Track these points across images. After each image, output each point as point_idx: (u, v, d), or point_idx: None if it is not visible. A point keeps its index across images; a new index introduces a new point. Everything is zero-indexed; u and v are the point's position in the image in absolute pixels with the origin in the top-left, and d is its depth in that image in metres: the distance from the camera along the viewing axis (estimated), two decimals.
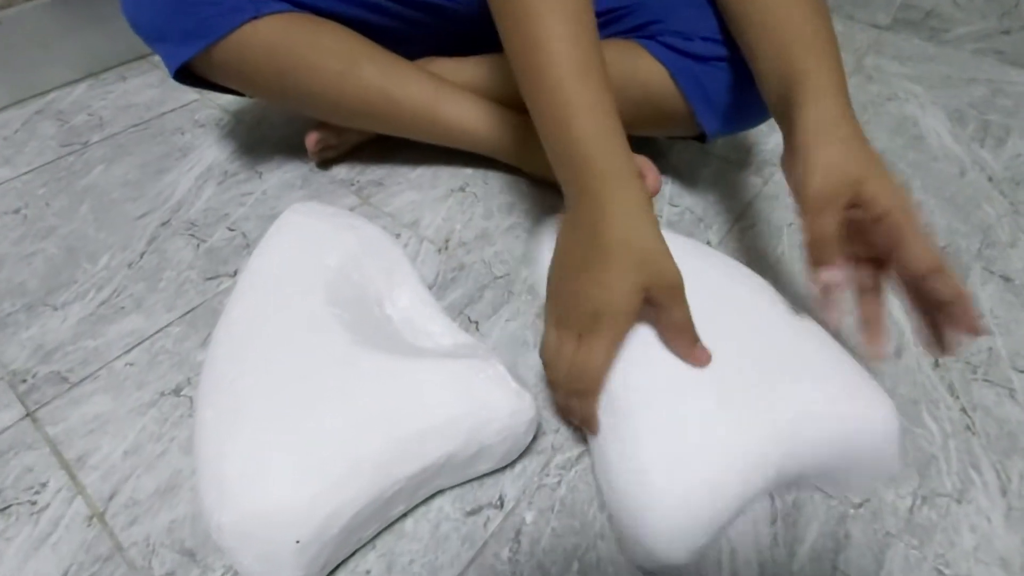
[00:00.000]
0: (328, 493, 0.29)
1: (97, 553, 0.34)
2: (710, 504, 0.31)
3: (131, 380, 0.43)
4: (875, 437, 0.34)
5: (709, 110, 0.50)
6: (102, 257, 0.52)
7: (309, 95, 0.53)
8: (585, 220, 0.36)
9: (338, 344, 0.34)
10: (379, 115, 0.55)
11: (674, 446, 0.32)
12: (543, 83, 0.37)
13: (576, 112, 0.36)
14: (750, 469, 0.32)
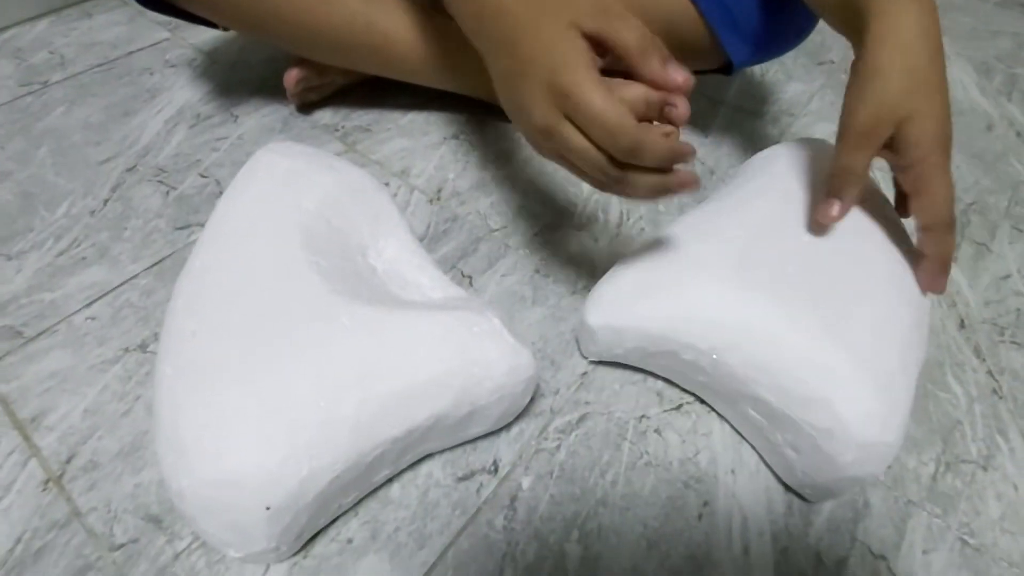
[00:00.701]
0: (301, 456, 0.26)
1: (53, 519, 0.31)
2: None
3: (92, 335, 0.39)
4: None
5: (736, 36, 0.46)
6: (61, 204, 0.48)
7: (285, 24, 0.48)
8: (501, 42, 0.31)
9: (314, 293, 0.31)
10: (363, 49, 0.50)
11: None
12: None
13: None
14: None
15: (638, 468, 0.34)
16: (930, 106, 0.30)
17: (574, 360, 0.39)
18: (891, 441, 0.30)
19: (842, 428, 0.29)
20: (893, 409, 0.30)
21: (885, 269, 0.34)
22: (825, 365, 0.31)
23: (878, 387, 0.30)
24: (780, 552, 0.31)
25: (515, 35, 0.30)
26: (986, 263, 0.47)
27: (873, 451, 0.30)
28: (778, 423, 0.32)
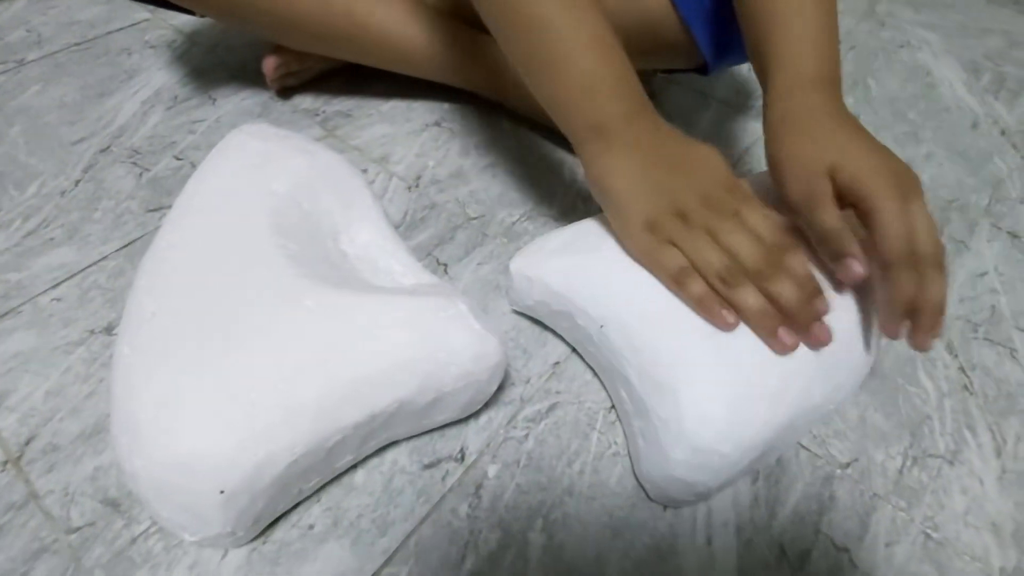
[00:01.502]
0: (257, 440, 0.25)
1: (9, 501, 0.31)
2: None
3: (57, 317, 0.39)
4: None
5: (710, 36, 0.45)
6: (31, 184, 0.47)
7: (261, 12, 0.47)
8: (649, 137, 0.34)
9: (279, 277, 0.30)
10: (342, 38, 0.49)
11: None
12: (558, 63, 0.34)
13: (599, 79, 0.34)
14: None
15: (606, 458, 0.34)
16: (853, 146, 0.30)
17: (547, 349, 0.39)
18: (726, 452, 0.29)
19: (679, 423, 0.29)
20: (741, 424, 0.29)
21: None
22: (688, 358, 0.30)
23: (734, 396, 0.29)
24: (744, 543, 0.31)
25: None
26: (963, 260, 0.47)
27: (705, 457, 0.29)
28: (638, 408, 0.32)
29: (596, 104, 0.33)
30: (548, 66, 0.34)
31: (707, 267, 0.31)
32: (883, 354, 0.40)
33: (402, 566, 0.30)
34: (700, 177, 0.33)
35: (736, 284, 0.30)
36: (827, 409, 0.34)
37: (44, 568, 0.29)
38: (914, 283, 0.28)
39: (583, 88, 0.33)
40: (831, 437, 0.36)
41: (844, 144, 0.30)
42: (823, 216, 0.30)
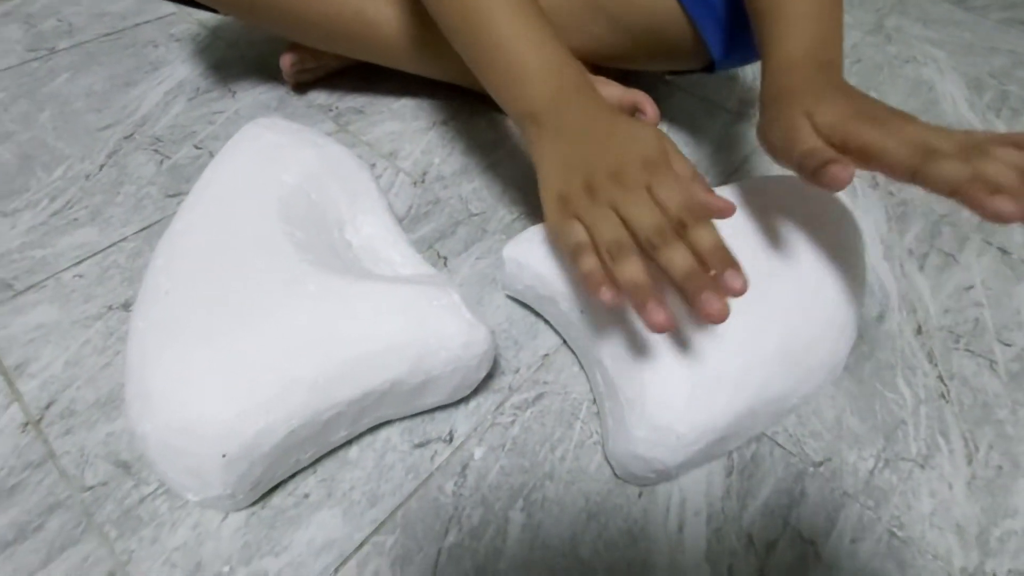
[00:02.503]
0: (258, 410, 0.27)
1: (29, 459, 0.33)
2: None
3: (79, 292, 0.41)
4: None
5: (719, 34, 0.46)
6: (59, 167, 0.50)
7: (278, 11, 0.49)
8: (576, 115, 0.34)
9: (285, 262, 0.32)
10: (353, 38, 0.51)
11: None
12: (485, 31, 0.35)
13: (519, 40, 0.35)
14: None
15: (587, 446, 0.36)
16: (829, 90, 0.30)
17: (537, 342, 0.41)
18: (682, 433, 0.30)
19: (642, 402, 0.31)
20: (699, 408, 0.31)
21: (783, 295, 0.34)
22: (655, 344, 0.32)
23: (694, 381, 0.31)
24: (713, 531, 0.33)
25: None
26: (951, 272, 0.48)
27: (663, 436, 0.31)
28: (609, 390, 0.34)
29: (525, 93, 0.34)
30: (480, 55, 0.36)
31: (600, 241, 0.29)
32: (863, 360, 0.41)
33: (389, 535, 0.32)
34: (617, 153, 0.32)
35: (619, 257, 0.28)
36: (791, 403, 0.36)
37: (58, 521, 0.31)
38: (950, 168, 0.24)
39: (512, 77, 0.35)
40: (806, 436, 0.37)
41: (822, 91, 0.30)
42: (800, 145, 0.29)
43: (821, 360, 0.34)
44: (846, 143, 0.28)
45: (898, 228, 0.51)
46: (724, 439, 0.33)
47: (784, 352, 0.33)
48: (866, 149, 0.27)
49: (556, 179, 0.33)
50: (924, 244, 0.50)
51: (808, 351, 0.34)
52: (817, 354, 0.34)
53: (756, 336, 0.33)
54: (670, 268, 0.28)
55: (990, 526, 0.34)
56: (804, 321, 0.34)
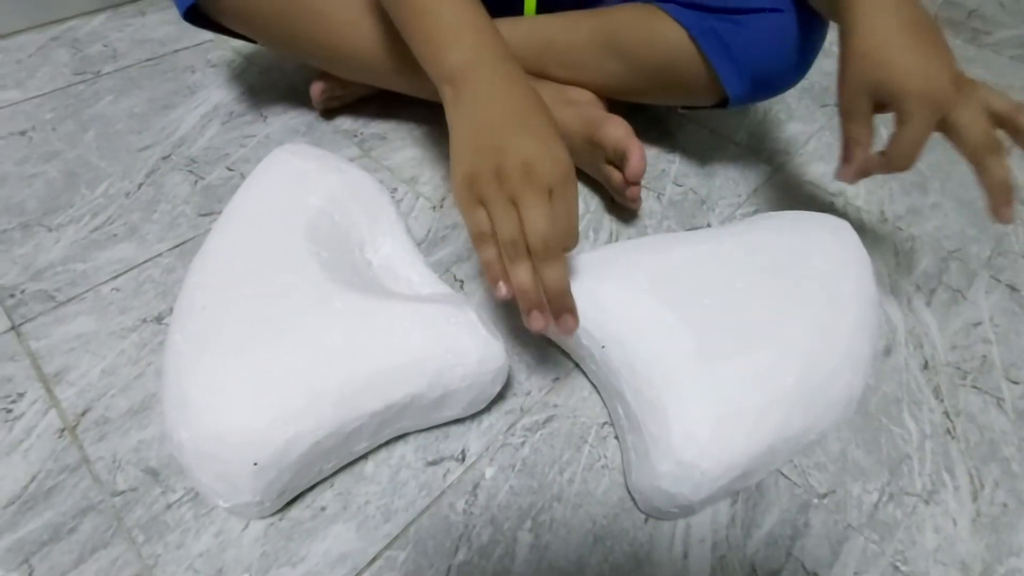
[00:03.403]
0: (288, 419, 0.29)
1: (65, 463, 0.35)
2: None
3: (116, 305, 0.43)
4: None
5: (734, 71, 0.48)
6: (101, 184, 0.53)
7: (314, 44, 0.52)
8: (493, 82, 0.35)
9: (312, 280, 0.34)
10: (383, 71, 0.53)
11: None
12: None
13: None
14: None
15: (595, 470, 0.37)
16: (905, 59, 0.35)
17: (548, 366, 0.42)
18: (707, 469, 0.31)
19: (667, 438, 0.32)
20: (722, 445, 0.32)
21: (800, 332, 0.36)
22: (678, 380, 0.33)
23: (718, 419, 0.32)
24: (718, 559, 0.34)
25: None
26: (959, 309, 0.49)
27: (687, 471, 0.31)
28: (632, 424, 0.35)
29: (443, 56, 0.35)
30: (407, 23, 0.37)
31: (500, 234, 0.31)
32: (869, 394, 0.42)
33: (400, 551, 0.33)
34: (530, 147, 0.32)
35: (516, 258, 0.31)
36: (807, 439, 0.36)
37: (90, 524, 0.33)
38: (999, 167, 0.35)
39: (434, 42, 0.36)
40: (811, 468, 0.38)
41: (906, 49, 0.34)
42: (856, 127, 0.38)
43: (839, 395, 0.35)
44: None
45: (906, 263, 0.52)
46: (746, 474, 0.33)
47: (803, 387, 0.34)
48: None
49: (467, 155, 0.33)
50: (932, 279, 0.51)
51: (826, 386, 0.35)
52: (835, 389, 0.35)
53: (776, 372, 0.34)
54: (546, 283, 0.31)
55: (994, 564, 0.34)
56: (822, 356, 0.35)
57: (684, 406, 0.33)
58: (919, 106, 0.35)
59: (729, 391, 0.33)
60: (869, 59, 0.36)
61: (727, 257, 0.40)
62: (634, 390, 0.35)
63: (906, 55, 0.35)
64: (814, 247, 0.41)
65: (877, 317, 0.40)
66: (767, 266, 0.39)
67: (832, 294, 0.38)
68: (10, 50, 0.69)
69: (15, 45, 0.69)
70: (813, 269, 0.39)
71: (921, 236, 0.55)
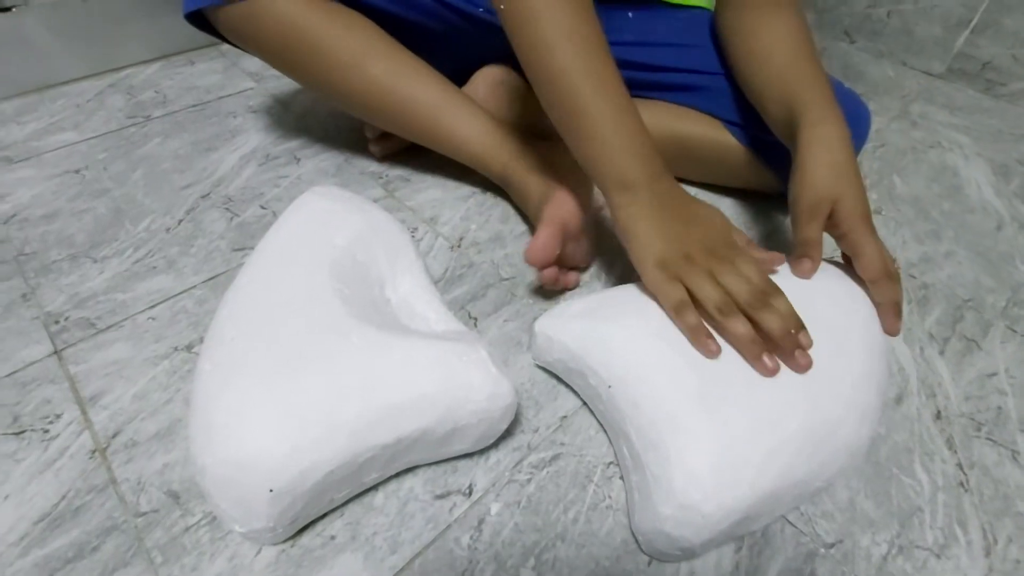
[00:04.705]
0: (304, 449, 0.31)
1: (93, 484, 0.37)
2: None
3: (151, 333, 0.46)
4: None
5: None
6: (144, 220, 0.57)
7: (317, 81, 0.55)
8: (666, 197, 0.41)
9: (334, 315, 0.36)
10: (383, 114, 0.56)
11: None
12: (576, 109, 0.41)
13: (614, 131, 0.41)
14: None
15: (599, 510, 0.37)
16: (852, 190, 0.41)
17: (557, 404, 0.43)
18: (708, 512, 0.31)
19: (668, 480, 0.32)
20: (725, 488, 0.32)
21: (805, 378, 0.36)
22: (682, 422, 0.34)
23: (721, 462, 0.32)
24: None
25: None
26: (973, 359, 0.48)
27: (689, 514, 0.32)
28: (635, 463, 0.35)
29: (622, 166, 0.41)
30: (577, 130, 0.42)
31: (707, 300, 0.37)
32: (880, 443, 0.42)
33: None
34: (706, 231, 0.41)
35: (730, 314, 0.36)
36: (814, 486, 0.36)
37: (113, 544, 0.34)
38: (895, 291, 0.40)
39: (611, 151, 0.41)
40: (819, 517, 0.38)
41: (847, 187, 0.41)
42: (814, 229, 0.41)
43: (844, 442, 0.35)
44: (842, 235, 0.42)
45: (919, 311, 0.52)
46: (748, 519, 0.33)
47: (807, 433, 0.34)
48: (853, 251, 0.41)
49: (656, 245, 0.40)
50: (946, 328, 0.51)
51: (831, 433, 0.35)
52: (840, 436, 0.35)
53: (779, 417, 0.34)
54: (767, 328, 0.36)
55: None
56: (826, 403, 0.36)
57: (686, 448, 0.33)
58: (868, 222, 0.41)
59: (732, 434, 0.34)
60: (832, 174, 0.41)
61: None
62: (638, 430, 0.35)
63: (856, 181, 0.42)
64: (821, 294, 0.41)
65: (885, 366, 0.40)
66: None
67: (839, 342, 0.38)
68: (71, 95, 0.75)
69: (76, 91, 0.76)
70: (820, 316, 0.39)
71: (935, 284, 0.55)
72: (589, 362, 0.39)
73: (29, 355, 0.44)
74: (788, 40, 0.49)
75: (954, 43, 0.90)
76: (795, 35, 0.49)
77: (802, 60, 0.48)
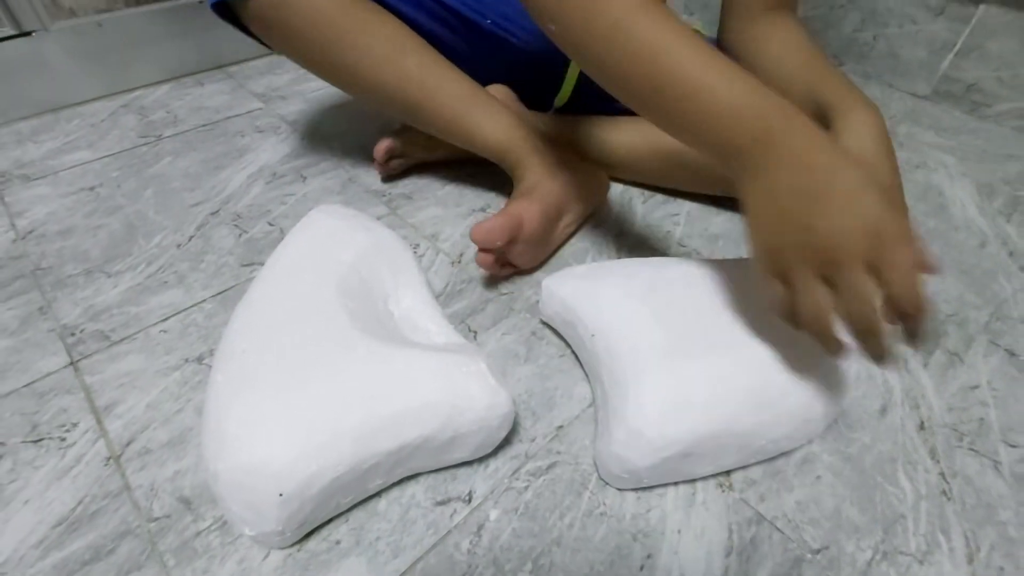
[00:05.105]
0: (312, 455, 0.32)
1: (108, 490, 0.39)
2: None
3: (162, 345, 0.48)
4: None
5: None
6: (156, 236, 0.59)
7: (347, 73, 0.54)
8: (787, 153, 0.32)
9: (340, 328, 0.38)
10: (412, 108, 0.55)
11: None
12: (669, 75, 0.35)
13: (718, 86, 0.34)
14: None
15: (594, 516, 0.39)
16: (895, 177, 0.39)
17: (553, 414, 0.45)
18: (652, 438, 0.36)
19: (623, 410, 0.38)
20: (670, 421, 0.37)
21: (764, 348, 0.40)
22: (645, 367, 0.38)
23: (669, 399, 0.37)
24: None
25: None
26: (956, 372, 0.50)
27: (635, 439, 0.36)
28: (603, 402, 0.40)
29: (726, 131, 0.34)
30: (673, 109, 0.35)
31: (803, 314, 0.33)
32: (864, 452, 0.43)
33: None
34: (837, 220, 0.30)
35: (869, 338, 0.31)
36: (759, 443, 0.40)
37: (127, 548, 0.36)
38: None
39: (711, 119, 0.34)
40: (805, 523, 0.39)
41: (890, 172, 0.39)
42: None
43: (790, 410, 0.40)
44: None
45: None
46: (690, 455, 0.38)
47: (753, 392, 0.38)
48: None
49: (768, 230, 0.33)
50: (930, 342, 0.52)
51: (780, 398, 0.39)
52: (787, 403, 0.39)
53: (731, 373, 0.39)
54: (872, 355, 0.32)
55: None
56: (778, 372, 0.40)
57: (643, 386, 0.38)
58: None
59: (686, 381, 0.38)
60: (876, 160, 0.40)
61: (717, 280, 0.45)
62: (609, 373, 0.40)
63: (895, 167, 0.41)
64: None
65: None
66: (752, 293, 0.44)
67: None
68: (85, 115, 0.78)
69: (90, 111, 0.79)
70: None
71: None
72: (579, 313, 0.45)
73: (46, 366, 0.46)
74: (798, 41, 0.49)
75: (939, 65, 0.93)
76: (803, 37, 0.50)
77: (817, 57, 0.48)
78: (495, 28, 0.58)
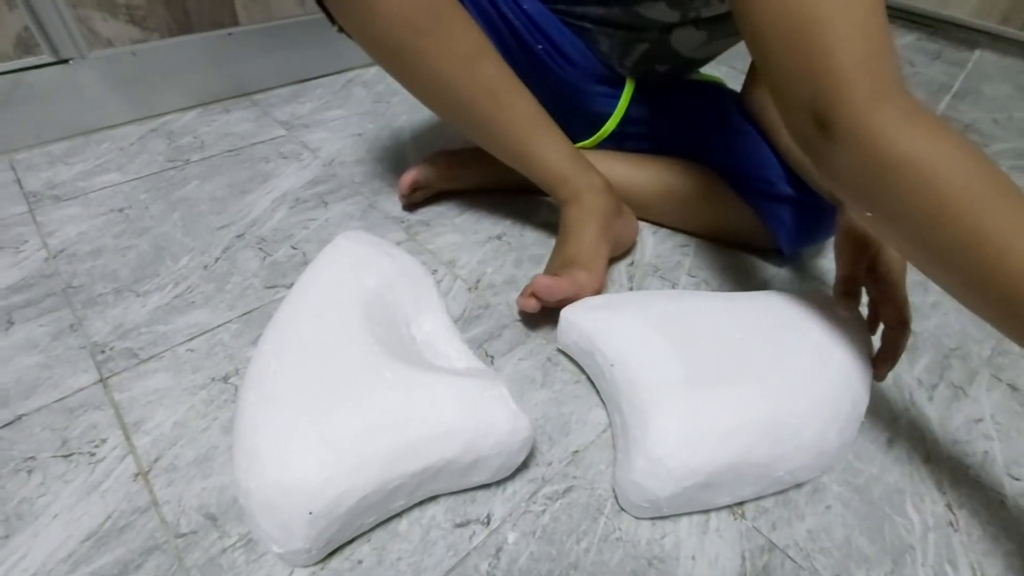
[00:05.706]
0: (341, 476, 0.33)
1: (136, 505, 0.40)
2: None
3: (189, 364, 0.49)
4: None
5: (789, 237, 0.61)
6: (183, 257, 0.61)
7: (425, 70, 0.51)
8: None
9: (366, 352, 0.40)
10: (479, 116, 0.53)
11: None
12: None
13: None
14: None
15: (610, 541, 0.40)
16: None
17: (569, 439, 0.46)
18: (672, 467, 0.37)
19: (644, 439, 0.39)
20: (689, 449, 0.38)
21: (781, 378, 0.42)
22: (664, 396, 0.40)
23: (690, 430, 0.38)
24: None
25: None
26: (960, 405, 0.51)
27: (656, 467, 0.37)
28: (623, 430, 0.41)
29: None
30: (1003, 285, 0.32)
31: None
32: (872, 483, 0.44)
33: None
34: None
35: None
36: (775, 475, 0.41)
37: (155, 563, 0.37)
38: (907, 337, 0.44)
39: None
40: (816, 552, 0.40)
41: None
42: (857, 267, 0.45)
43: (808, 443, 0.41)
44: (880, 277, 0.45)
45: (908, 358, 0.55)
46: (709, 485, 0.38)
47: (770, 425, 0.40)
48: (886, 294, 0.45)
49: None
50: (934, 375, 0.54)
51: (798, 428, 0.41)
52: (803, 436, 0.41)
53: (749, 405, 0.40)
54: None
55: None
56: (797, 401, 0.41)
57: (663, 416, 0.39)
58: (905, 270, 0.45)
59: (704, 412, 0.40)
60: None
61: (733, 313, 0.48)
62: (629, 402, 0.42)
63: None
64: (815, 313, 0.47)
65: (864, 388, 0.44)
66: (767, 326, 0.46)
67: (824, 358, 0.44)
68: (116, 139, 0.81)
69: (120, 135, 0.82)
70: (810, 337, 0.45)
71: (922, 333, 0.58)
72: (598, 343, 0.46)
73: (76, 382, 0.47)
74: None
75: (937, 107, 0.97)
76: None
77: None
78: (544, 55, 0.61)
